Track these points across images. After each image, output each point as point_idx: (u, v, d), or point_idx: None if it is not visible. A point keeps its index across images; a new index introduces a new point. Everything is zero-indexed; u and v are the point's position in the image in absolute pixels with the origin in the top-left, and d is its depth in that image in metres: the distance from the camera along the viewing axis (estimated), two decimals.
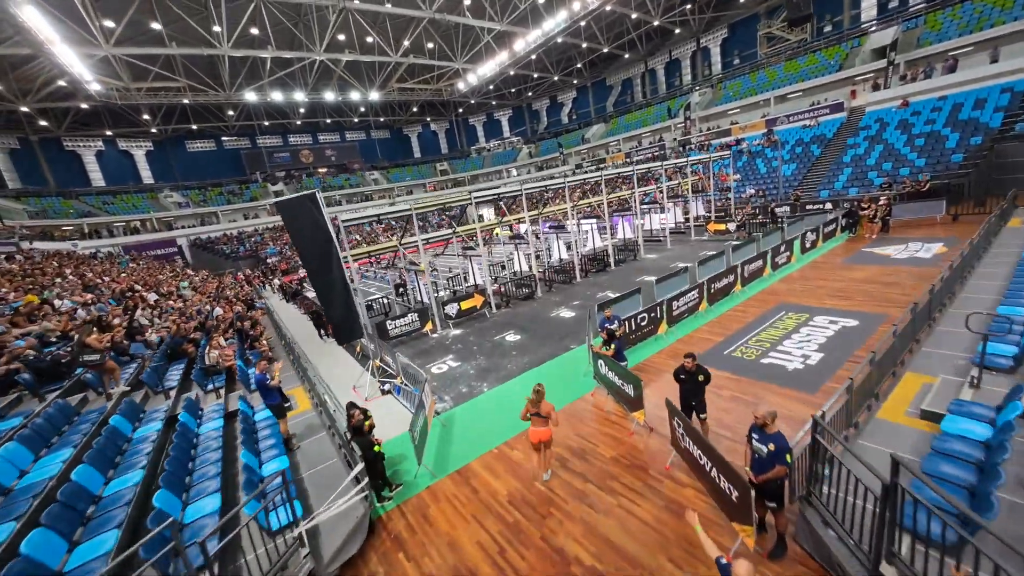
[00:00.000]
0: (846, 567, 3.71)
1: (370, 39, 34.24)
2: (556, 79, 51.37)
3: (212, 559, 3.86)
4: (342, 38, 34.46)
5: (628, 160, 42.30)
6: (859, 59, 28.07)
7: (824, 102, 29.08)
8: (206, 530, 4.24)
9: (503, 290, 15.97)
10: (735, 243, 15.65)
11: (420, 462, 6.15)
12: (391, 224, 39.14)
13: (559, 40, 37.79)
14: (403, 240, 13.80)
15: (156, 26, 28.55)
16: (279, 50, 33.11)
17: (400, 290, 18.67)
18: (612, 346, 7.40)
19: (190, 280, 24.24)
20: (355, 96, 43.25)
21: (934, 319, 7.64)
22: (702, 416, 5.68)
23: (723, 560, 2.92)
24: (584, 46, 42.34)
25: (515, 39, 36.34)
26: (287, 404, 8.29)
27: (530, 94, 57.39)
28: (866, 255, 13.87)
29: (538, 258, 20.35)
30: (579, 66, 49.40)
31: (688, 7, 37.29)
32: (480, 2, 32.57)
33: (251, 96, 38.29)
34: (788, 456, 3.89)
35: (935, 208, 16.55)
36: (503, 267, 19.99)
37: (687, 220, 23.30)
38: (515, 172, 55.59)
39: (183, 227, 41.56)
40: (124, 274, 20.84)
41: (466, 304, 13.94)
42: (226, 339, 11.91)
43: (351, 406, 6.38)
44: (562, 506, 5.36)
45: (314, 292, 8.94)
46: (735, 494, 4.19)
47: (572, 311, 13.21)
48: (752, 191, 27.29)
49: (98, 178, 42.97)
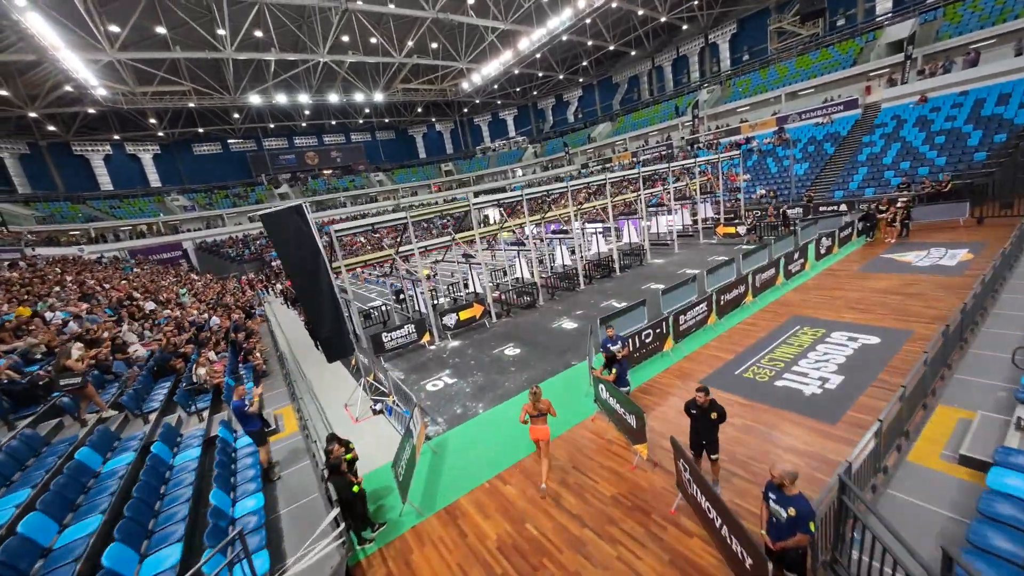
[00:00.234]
0: None
1: (374, 40, 33.93)
2: (562, 77, 50.70)
3: None
4: (346, 39, 34.20)
5: (635, 160, 41.61)
6: (874, 54, 27.09)
7: (838, 98, 28.16)
8: None
9: (504, 298, 15.50)
10: (745, 247, 15.06)
11: (405, 500, 5.71)
12: (396, 227, 38.82)
13: (564, 38, 37.19)
14: (400, 249, 13.36)
15: (161, 30, 28.59)
16: (283, 52, 32.99)
17: (400, 296, 18.30)
18: (613, 370, 6.89)
19: (191, 286, 24.11)
20: (359, 97, 43.05)
21: (965, 339, 7.03)
22: (713, 457, 5.13)
23: None
24: (590, 44, 41.65)
25: (519, 38, 35.80)
26: (271, 428, 7.92)
27: (535, 93, 56.78)
28: (885, 262, 13.14)
29: (541, 263, 19.86)
30: (585, 64, 48.68)
31: (696, 2, 36.40)
32: (484, 1, 32.09)
33: (255, 99, 38.27)
34: (812, 524, 3.36)
35: (958, 210, 15.72)
36: (505, 273, 19.53)
37: (695, 223, 22.61)
38: (520, 172, 55.02)
39: (189, 230, 41.70)
40: (125, 281, 20.71)
41: (465, 314, 13.50)
42: (218, 353, 11.59)
43: (331, 439, 5.95)
44: (556, 556, 4.88)
45: (303, 308, 8.46)
46: (748, 561, 3.69)
47: (574, 322, 12.70)
48: (763, 191, 26.50)
49: (106, 182, 43.29)
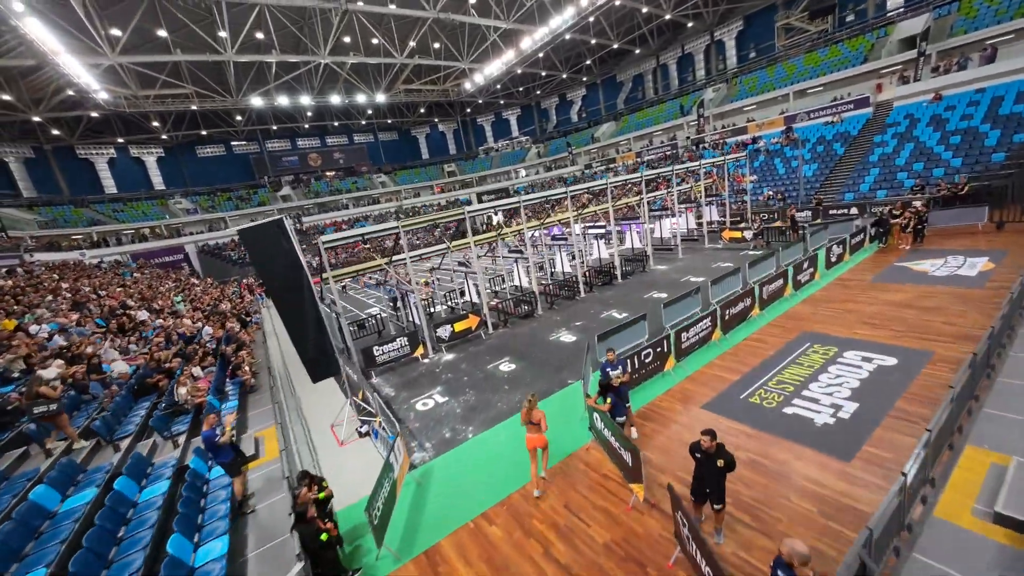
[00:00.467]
0: None
1: (375, 41, 33.61)
2: (565, 76, 50.11)
3: None
4: (347, 40, 33.92)
5: (639, 160, 40.96)
6: (885, 50, 26.28)
7: (847, 97, 27.42)
8: None
9: (501, 307, 15.05)
10: (752, 253, 14.47)
11: (380, 545, 5.29)
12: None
13: (567, 37, 36.66)
14: (392, 258, 12.97)
15: (162, 33, 28.47)
16: (284, 54, 32.81)
17: (396, 304, 17.93)
18: (608, 399, 6.40)
19: (190, 291, 23.89)
20: (362, 98, 42.80)
21: (992, 366, 6.48)
22: (716, 507, 4.65)
23: None
24: (593, 42, 41.07)
25: (522, 37, 35.31)
26: (249, 455, 7.53)
27: (539, 92, 56.22)
28: (900, 271, 12.52)
29: (540, 270, 19.38)
30: (588, 63, 48.04)
31: None
32: (486, 0, 31.63)
33: (257, 101, 38.15)
34: None
35: (976, 215, 15.01)
36: (503, 279, 19.08)
37: (700, 226, 22.01)
38: (523, 172, 54.54)
39: (191, 233, 41.62)
40: (121, 288, 20.50)
41: (460, 326, 13.06)
42: (204, 368, 11.24)
43: (302, 476, 5.55)
44: None
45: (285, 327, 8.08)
46: None
47: (573, 334, 12.22)
48: (770, 192, 25.81)
49: (111, 185, 43.42)
